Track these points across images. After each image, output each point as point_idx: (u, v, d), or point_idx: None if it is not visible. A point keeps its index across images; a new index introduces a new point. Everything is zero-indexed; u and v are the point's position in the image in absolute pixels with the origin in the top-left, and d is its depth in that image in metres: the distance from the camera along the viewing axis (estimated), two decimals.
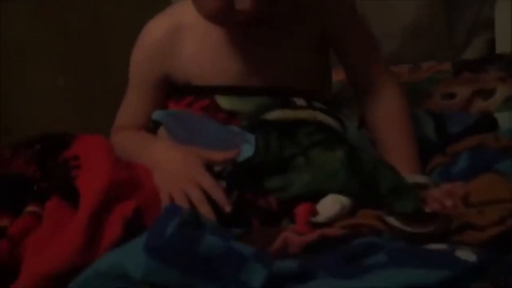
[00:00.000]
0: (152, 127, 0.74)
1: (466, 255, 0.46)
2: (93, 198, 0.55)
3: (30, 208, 0.59)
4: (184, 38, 0.75)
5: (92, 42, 1.35)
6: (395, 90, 0.76)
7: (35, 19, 1.31)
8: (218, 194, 0.61)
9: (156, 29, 0.77)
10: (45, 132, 0.74)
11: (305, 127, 0.71)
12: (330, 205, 0.60)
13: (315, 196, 0.61)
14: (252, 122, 0.72)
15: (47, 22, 1.32)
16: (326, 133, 0.71)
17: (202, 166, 0.63)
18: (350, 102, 0.83)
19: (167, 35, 0.75)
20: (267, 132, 0.69)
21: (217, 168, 0.65)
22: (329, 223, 0.57)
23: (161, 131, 0.72)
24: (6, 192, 0.62)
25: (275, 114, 0.72)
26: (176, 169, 0.63)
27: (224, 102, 0.74)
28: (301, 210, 0.59)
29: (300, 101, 0.74)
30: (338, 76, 0.87)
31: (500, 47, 1.18)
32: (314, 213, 0.59)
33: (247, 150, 0.66)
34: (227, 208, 0.60)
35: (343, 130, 0.73)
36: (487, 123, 0.79)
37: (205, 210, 0.59)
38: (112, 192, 0.56)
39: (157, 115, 0.73)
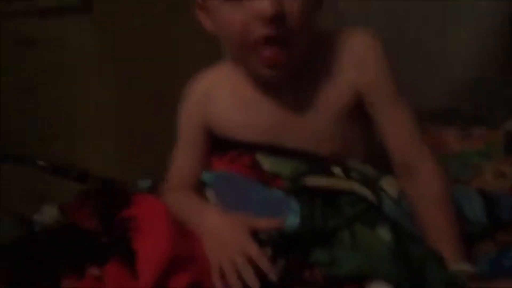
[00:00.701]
0: (201, 187, 0.77)
1: None
2: (153, 272, 0.58)
3: (92, 271, 0.62)
4: (219, 94, 0.79)
5: (142, 60, 1.41)
6: (433, 168, 0.73)
7: (87, 35, 1.38)
8: (264, 263, 0.63)
9: (197, 85, 0.82)
10: (108, 181, 0.78)
11: (346, 196, 0.72)
12: None
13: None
14: (295, 187, 0.73)
15: (99, 36, 1.38)
16: (366, 203, 0.71)
17: (248, 235, 0.66)
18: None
19: (205, 90, 0.80)
20: (312, 200, 0.71)
21: (263, 236, 0.68)
22: None
23: (210, 193, 0.75)
24: (71, 249, 0.66)
25: (313, 181, 0.74)
26: (225, 239, 0.66)
27: (264, 162, 0.77)
28: None
29: (336, 170, 0.75)
30: None
31: None
32: None
33: (292, 219, 0.68)
34: (273, 277, 0.63)
35: (379, 203, 0.72)
36: None
37: (251, 280, 0.62)
38: (170, 265, 0.59)
39: (206, 177, 0.77)
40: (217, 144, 0.82)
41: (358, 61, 0.73)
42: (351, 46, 0.74)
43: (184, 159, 0.82)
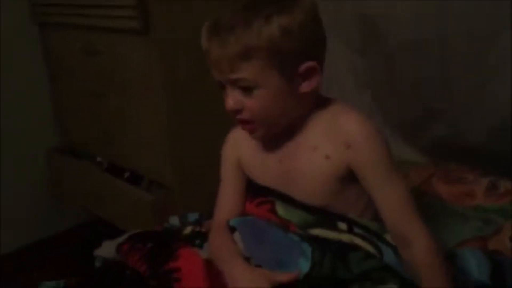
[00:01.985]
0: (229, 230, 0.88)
1: None
2: None
3: None
4: (247, 140, 0.90)
5: (197, 86, 1.51)
6: (425, 241, 0.79)
7: (144, 54, 1.47)
8: None
9: (233, 132, 0.95)
10: (157, 228, 0.90)
11: (355, 252, 0.81)
12: None
13: None
14: (304, 236, 0.84)
15: (154, 57, 1.48)
16: (375, 261, 0.80)
17: None
18: None
19: (238, 136, 0.92)
20: (324, 250, 0.80)
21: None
22: None
23: (236, 236, 0.86)
24: None
25: (319, 233, 0.84)
26: None
27: (279, 209, 0.88)
28: None
29: (342, 225, 0.84)
30: None
31: None
32: None
33: (303, 262, 0.79)
34: None
35: (380, 256, 0.81)
36: None
37: None
38: None
39: (233, 222, 0.88)
40: (250, 188, 0.94)
41: (348, 140, 0.81)
42: (343, 124, 0.82)
43: (225, 197, 0.95)
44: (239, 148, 0.93)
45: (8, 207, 1.86)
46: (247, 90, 0.80)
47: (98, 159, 1.80)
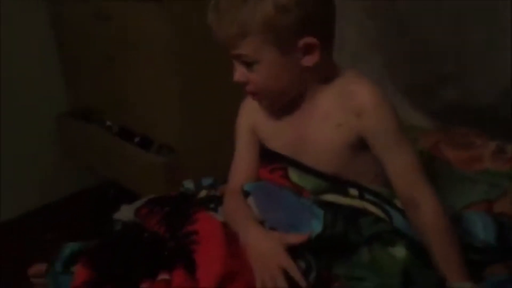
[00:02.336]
0: (243, 195, 0.91)
1: None
2: (212, 283, 0.74)
3: (163, 276, 0.79)
4: (259, 110, 0.94)
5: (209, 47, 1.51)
6: (433, 204, 0.83)
7: (157, 19, 1.47)
8: (297, 275, 0.77)
9: (248, 100, 0.96)
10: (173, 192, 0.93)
11: (366, 216, 0.84)
12: None
13: None
14: (318, 199, 0.87)
15: (170, 23, 1.48)
16: (383, 225, 0.84)
17: (284, 251, 0.79)
18: None
19: (253, 104, 0.94)
20: (335, 213, 0.84)
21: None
22: None
23: (250, 200, 0.89)
24: (145, 253, 0.83)
25: (331, 198, 0.87)
26: (265, 254, 0.80)
27: (292, 175, 0.91)
28: None
29: (353, 191, 0.88)
30: None
31: None
32: None
33: (315, 224, 0.82)
34: (303, 284, 0.77)
35: (390, 220, 0.85)
36: None
37: None
38: (225, 276, 0.75)
39: (247, 187, 0.91)
40: (264, 154, 0.97)
41: (358, 110, 0.84)
42: (352, 94, 0.85)
43: (239, 162, 0.98)
44: (254, 115, 0.95)
45: (19, 170, 1.90)
46: (248, 64, 0.83)
47: (108, 123, 1.82)
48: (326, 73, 0.88)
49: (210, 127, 1.58)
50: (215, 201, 0.97)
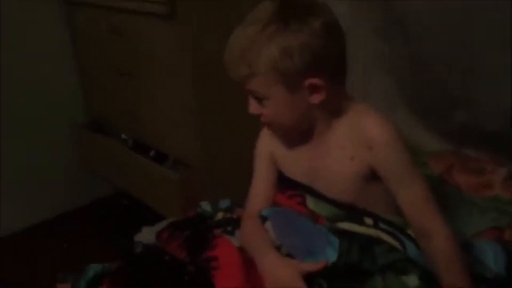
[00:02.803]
0: (261, 220, 0.93)
1: None
2: None
3: None
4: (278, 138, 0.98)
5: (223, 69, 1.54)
6: (445, 235, 0.85)
7: (171, 37, 1.51)
8: None
9: (265, 131, 1.01)
10: (193, 214, 0.96)
11: (380, 246, 0.87)
12: None
13: None
14: (334, 227, 0.90)
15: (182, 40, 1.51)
16: (397, 254, 0.86)
17: (300, 278, 0.82)
18: None
19: (271, 133, 0.98)
20: (350, 241, 0.87)
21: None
22: None
23: (268, 225, 0.92)
24: (165, 275, 0.86)
25: (347, 226, 0.90)
26: (281, 281, 0.83)
27: (309, 202, 0.95)
28: None
29: (368, 220, 0.91)
30: None
31: None
32: None
33: (331, 252, 0.85)
34: None
35: (404, 249, 0.87)
36: None
37: None
38: None
39: (265, 212, 0.94)
40: (282, 181, 1.00)
41: (369, 143, 0.86)
42: (364, 127, 0.87)
43: (257, 187, 1.01)
44: (272, 144, 0.99)
45: (34, 179, 1.94)
46: (259, 99, 0.88)
47: (123, 136, 1.86)
48: (337, 107, 0.90)
49: (226, 143, 1.61)
50: (232, 224, 1.01)
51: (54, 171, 2.00)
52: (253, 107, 0.90)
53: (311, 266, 0.84)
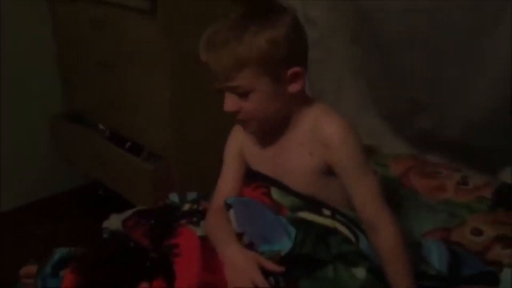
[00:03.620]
0: (225, 207, 0.99)
1: None
2: None
3: (143, 285, 0.87)
4: (247, 135, 1.03)
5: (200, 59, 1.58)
6: (390, 230, 0.91)
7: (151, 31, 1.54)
8: None
9: (236, 128, 1.06)
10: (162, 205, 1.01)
11: (335, 235, 0.93)
12: None
13: None
14: (293, 217, 0.96)
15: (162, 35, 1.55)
16: (350, 245, 0.93)
17: (257, 269, 0.88)
18: None
19: (241, 131, 1.03)
20: (306, 232, 0.92)
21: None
22: None
23: (231, 213, 0.97)
24: (129, 262, 0.91)
25: (306, 216, 0.96)
26: (240, 270, 0.88)
27: (273, 193, 1.00)
28: None
29: (326, 211, 0.97)
30: None
31: None
32: None
33: (286, 242, 0.91)
34: None
35: (356, 241, 0.94)
36: (488, 278, 0.96)
37: None
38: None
39: (230, 200, 1.00)
40: (249, 175, 1.06)
41: (326, 142, 0.93)
42: (322, 126, 0.94)
43: (225, 182, 1.06)
44: (241, 142, 1.05)
45: (13, 167, 1.97)
46: (243, 95, 0.91)
47: (100, 126, 1.89)
48: (303, 101, 0.97)
49: (199, 136, 1.65)
50: (198, 215, 1.06)
51: (32, 159, 2.03)
52: (231, 104, 0.93)
53: (269, 265, 0.89)
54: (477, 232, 1.08)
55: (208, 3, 1.54)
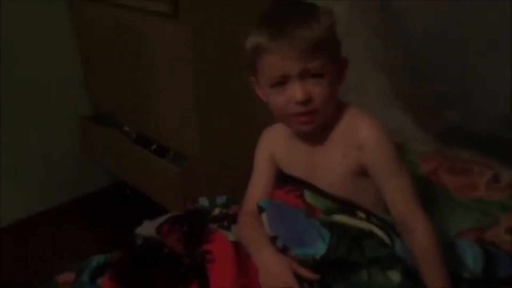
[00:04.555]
0: (258, 210, 0.99)
1: None
2: None
3: None
4: (280, 139, 1.05)
5: (224, 66, 1.59)
6: (425, 229, 0.91)
7: (175, 34, 1.55)
8: None
9: (268, 131, 1.10)
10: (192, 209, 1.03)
11: (369, 240, 0.92)
12: None
13: None
14: (327, 220, 0.95)
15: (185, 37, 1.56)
16: (385, 249, 0.92)
17: (291, 274, 0.88)
18: None
19: (273, 135, 1.07)
20: (340, 235, 0.92)
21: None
22: None
23: (264, 216, 0.97)
24: (164, 268, 0.92)
25: (341, 218, 0.95)
26: (274, 274, 0.89)
27: (307, 196, 1.00)
28: None
29: (361, 214, 0.97)
30: None
31: None
32: None
33: (321, 245, 0.90)
34: None
35: (392, 244, 0.92)
36: None
37: None
38: None
39: (262, 203, 1.00)
40: (280, 178, 1.07)
41: (360, 144, 0.94)
42: (357, 129, 0.95)
43: (256, 186, 1.07)
44: (273, 145, 1.06)
45: (41, 170, 2.01)
46: (318, 76, 0.91)
47: (126, 128, 1.92)
48: (338, 104, 0.98)
49: (225, 138, 1.66)
50: (228, 219, 1.06)
51: (60, 161, 2.07)
52: (304, 91, 0.91)
53: (304, 272, 0.88)
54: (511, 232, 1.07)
55: (230, 5, 1.54)
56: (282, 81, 0.92)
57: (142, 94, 1.78)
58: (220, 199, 1.19)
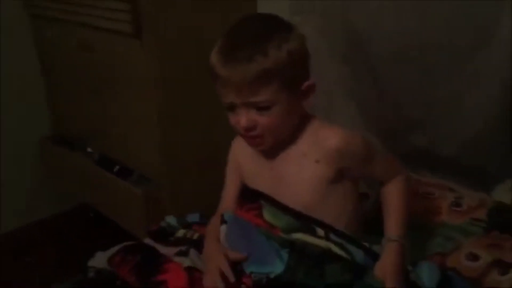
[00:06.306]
0: (221, 221, 1.01)
1: None
2: None
3: None
4: (246, 150, 1.03)
5: (187, 85, 1.57)
6: (401, 182, 1.03)
7: (140, 56, 1.52)
8: (228, 272, 0.91)
9: (237, 141, 1.07)
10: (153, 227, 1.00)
11: (333, 265, 0.91)
12: None
13: None
14: (288, 238, 0.94)
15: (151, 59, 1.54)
16: (348, 277, 0.90)
17: (223, 258, 0.93)
18: None
19: (241, 145, 1.04)
20: (300, 257, 0.90)
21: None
22: None
23: (223, 228, 0.99)
24: None
25: (300, 237, 0.94)
26: (213, 262, 0.93)
27: (266, 214, 0.98)
28: None
29: (320, 232, 0.95)
30: None
31: None
32: None
33: (278, 266, 0.89)
34: (231, 279, 0.90)
35: (351, 258, 0.93)
36: None
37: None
38: None
39: (227, 216, 1.01)
40: (242, 194, 1.06)
41: (333, 149, 0.94)
42: (327, 135, 0.96)
43: (228, 193, 1.09)
44: (239, 155, 1.06)
45: (1, 192, 1.93)
46: (263, 109, 0.90)
47: (89, 149, 1.87)
48: (303, 115, 0.98)
49: (189, 158, 1.64)
50: (188, 243, 1.06)
51: (20, 183, 2.00)
52: (248, 120, 0.91)
53: (234, 254, 0.94)
54: (473, 257, 1.06)
55: (194, 26, 1.53)
56: (231, 106, 0.92)
57: (105, 114, 1.74)
58: (192, 217, 1.17)
